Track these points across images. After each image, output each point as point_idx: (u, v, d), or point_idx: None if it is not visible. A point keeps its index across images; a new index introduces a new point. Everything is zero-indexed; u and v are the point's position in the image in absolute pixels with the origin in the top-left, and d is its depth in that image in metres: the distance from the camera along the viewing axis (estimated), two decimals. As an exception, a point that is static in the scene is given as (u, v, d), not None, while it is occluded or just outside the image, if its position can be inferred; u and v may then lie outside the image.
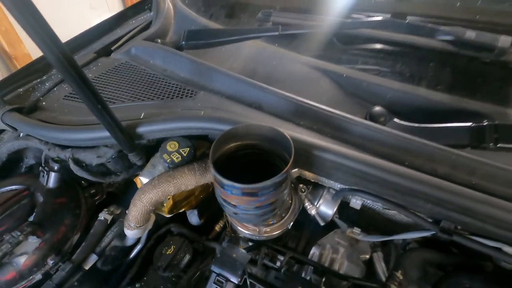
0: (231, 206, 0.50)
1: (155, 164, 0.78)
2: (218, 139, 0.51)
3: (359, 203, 0.82)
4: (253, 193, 0.45)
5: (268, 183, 0.43)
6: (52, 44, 0.45)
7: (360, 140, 0.64)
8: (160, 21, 1.16)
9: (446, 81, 0.73)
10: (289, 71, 0.88)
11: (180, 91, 0.83)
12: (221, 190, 0.48)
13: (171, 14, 1.21)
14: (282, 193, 0.49)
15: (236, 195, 0.46)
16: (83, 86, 0.52)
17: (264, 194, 0.45)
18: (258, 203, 0.47)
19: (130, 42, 1.11)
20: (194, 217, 0.98)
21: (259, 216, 0.52)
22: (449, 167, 0.57)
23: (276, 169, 0.55)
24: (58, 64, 0.47)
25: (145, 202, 0.68)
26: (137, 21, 1.29)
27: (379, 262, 0.78)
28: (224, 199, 0.50)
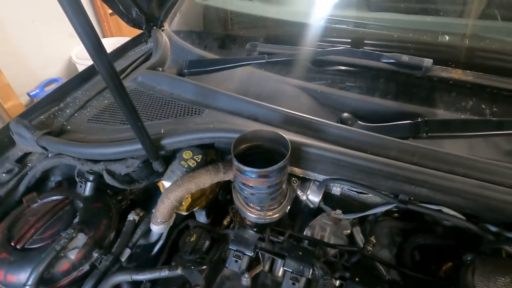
0: (249, 188, 0.69)
1: (174, 170, 0.95)
2: (234, 143, 0.71)
3: (339, 190, 1.04)
4: (265, 175, 0.64)
5: (276, 167, 0.63)
6: (109, 67, 0.61)
7: (334, 138, 0.86)
8: (160, 52, 1.35)
9: (392, 92, 0.99)
10: (275, 90, 1.10)
11: (189, 110, 1.02)
12: (242, 176, 0.67)
13: (168, 46, 1.41)
14: (284, 175, 0.69)
15: (253, 178, 0.65)
16: (128, 104, 0.69)
17: (274, 175, 0.65)
18: (269, 183, 0.66)
19: (135, 71, 1.29)
20: (202, 217, 1.15)
21: (269, 195, 0.71)
22: (397, 152, 0.80)
23: (276, 161, 0.75)
24: (111, 84, 0.62)
25: (172, 199, 0.84)
26: (136, 53, 1.47)
27: (358, 234, 0.99)
28: (243, 183, 0.69)
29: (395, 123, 0.87)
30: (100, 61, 0.58)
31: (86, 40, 0.54)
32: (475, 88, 0.93)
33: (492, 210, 0.75)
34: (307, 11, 1.34)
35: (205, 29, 1.53)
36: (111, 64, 0.61)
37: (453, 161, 0.77)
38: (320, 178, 1.00)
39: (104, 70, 0.60)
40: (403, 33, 1.13)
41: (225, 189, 1.17)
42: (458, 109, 0.93)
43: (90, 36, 0.54)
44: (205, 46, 1.33)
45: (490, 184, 0.71)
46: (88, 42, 0.54)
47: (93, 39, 0.55)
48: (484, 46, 1.00)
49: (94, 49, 0.55)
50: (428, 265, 0.96)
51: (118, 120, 1.02)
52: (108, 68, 0.60)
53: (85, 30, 0.53)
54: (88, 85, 1.25)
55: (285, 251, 0.81)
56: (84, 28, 0.52)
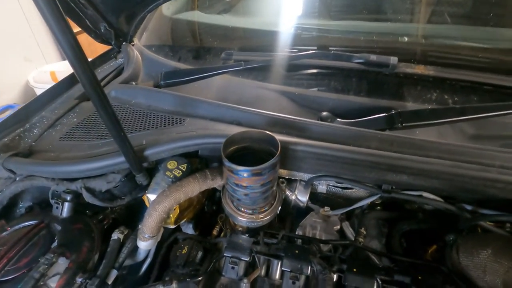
0: (242, 188, 0.68)
1: (159, 182, 0.92)
2: (224, 145, 0.70)
3: (324, 188, 1.07)
4: (259, 172, 0.64)
5: (269, 163, 0.64)
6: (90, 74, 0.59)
7: (318, 135, 0.89)
8: (132, 67, 1.33)
9: (365, 89, 1.05)
10: (255, 96, 1.12)
11: (169, 120, 1.00)
12: (235, 177, 0.66)
13: (140, 60, 1.39)
14: (276, 173, 0.69)
15: (247, 177, 0.65)
16: (111, 114, 0.67)
17: (266, 172, 0.65)
18: (262, 181, 0.66)
19: (107, 86, 1.24)
20: (190, 229, 1.11)
21: (262, 194, 0.71)
22: (377, 142, 0.85)
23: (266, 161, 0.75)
24: (92, 92, 0.60)
25: (160, 211, 0.81)
26: (105, 69, 1.43)
27: (347, 228, 1.01)
28: (236, 183, 0.68)
29: (371, 117, 0.92)
30: (81, 69, 0.56)
31: (66, 45, 0.52)
32: (437, 81, 1.03)
33: (466, 189, 0.81)
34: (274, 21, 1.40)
35: (176, 43, 1.53)
36: (92, 72, 0.59)
37: (428, 146, 0.83)
38: (306, 178, 1.02)
39: (85, 78, 0.58)
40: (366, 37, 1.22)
41: (210, 199, 1.15)
42: (425, 101, 1.01)
43: (69, 41, 0.52)
44: (179, 58, 1.33)
45: (462, 163, 0.77)
46: (67, 48, 0.52)
47: (73, 44, 0.53)
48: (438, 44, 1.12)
49: (74, 54, 0.53)
50: (415, 250, 1.01)
51: (94, 135, 0.97)
52: (89, 76, 0.58)
53: (65, 36, 0.51)
54: (56, 104, 1.18)
55: (282, 251, 0.80)
56: (65, 34, 0.51)
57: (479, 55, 1.07)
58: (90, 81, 0.59)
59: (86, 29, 1.30)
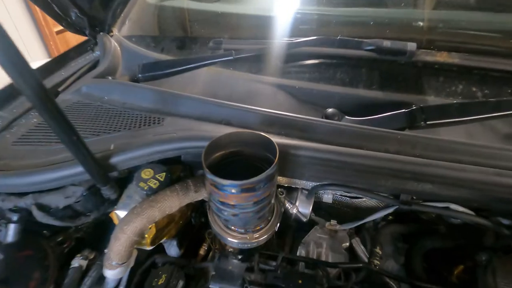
0: (230, 208, 0.52)
1: (131, 195, 0.76)
2: (205, 151, 0.54)
3: (330, 197, 0.91)
4: (251, 188, 0.48)
5: (263, 176, 0.48)
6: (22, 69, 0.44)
7: (323, 137, 0.73)
8: (108, 59, 1.16)
9: (377, 81, 0.90)
10: (248, 90, 0.96)
11: (146, 120, 0.84)
12: (219, 193, 0.50)
13: (119, 52, 1.22)
14: (273, 186, 0.54)
15: (235, 194, 0.49)
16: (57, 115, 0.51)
17: (261, 187, 0.49)
18: (255, 198, 0.51)
19: (79, 81, 1.08)
20: (174, 248, 0.95)
21: (256, 213, 0.55)
22: (397, 145, 0.70)
23: (261, 170, 0.59)
24: (28, 91, 0.46)
25: (129, 233, 0.65)
26: (80, 62, 1.26)
27: (358, 246, 0.86)
28: (222, 201, 0.52)
29: (388, 114, 0.77)
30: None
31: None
32: (462, 70, 0.87)
33: (504, 200, 0.66)
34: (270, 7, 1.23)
35: (161, 32, 1.36)
36: (24, 60, 0.43)
37: (459, 149, 0.67)
38: (309, 186, 0.86)
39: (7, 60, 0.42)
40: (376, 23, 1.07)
41: (198, 210, 0.99)
42: (449, 94, 0.86)
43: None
44: (162, 49, 1.17)
45: (506, 170, 0.62)
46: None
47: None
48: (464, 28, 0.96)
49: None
50: (437, 270, 0.86)
51: (54, 138, 0.81)
52: (14, 57, 0.42)
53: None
54: (17, 102, 1.01)
55: (281, 281, 0.65)
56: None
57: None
58: (15, 64, 0.43)
59: (55, 17, 1.14)
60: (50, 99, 0.50)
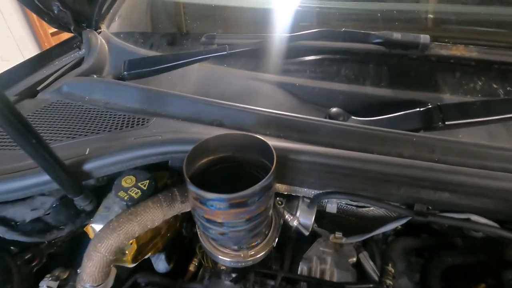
0: (217, 226, 0.43)
1: (109, 205, 0.67)
2: (188, 156, 0.46)
3: (335, 206, 0.82)
4: (242, 202, 0.39)
5: (257, 188, 0.39)
6: None
7: (327, 139, 0.64)
8: (94, 56, 1.08)
9: (386, 78, 0.81)
10: (243, 88, 0.88)
11: (129, 120, 0.75)
12: (204, 208, 0.42)
13: (105, 49, 1.14)
14: (270, 199, 0.45)
15: (222, 210, 0.40)
16: (11, 117, 0.42)
17: (254, 201, 0.41)
18: (248, 214, 0.42)
19: (60, 80, 0.99)
20: (162, 262, 0.86)
21: (249, 232, 0.46)
22: (412, 149, 0.61)
23: (256, 179, 0.51)
24: None
25: (104, 251, 0.56)
26: (65, 61, 1.18)
27: (366, 261, 0.77)
28: (208, 219, 0.43)
29: (401, 113, 0.68)
30: None
31: None
32: (481, 65, 0.79)
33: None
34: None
35: (153, 29, 1.28)
36: None
37: (484, 153, 0.59)
38: (311, 194, 0.77)
39: None
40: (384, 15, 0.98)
41: (190, 220, 0.90)
42: (467, 92, 0.77)
43: None
44: (151, 45, 1.08)
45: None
46: None
47: None
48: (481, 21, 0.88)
49: None
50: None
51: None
52: None
53: None
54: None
55: (280, 307, 0.56)
56: None
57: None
58: None
59: (36, 11, 1.05)
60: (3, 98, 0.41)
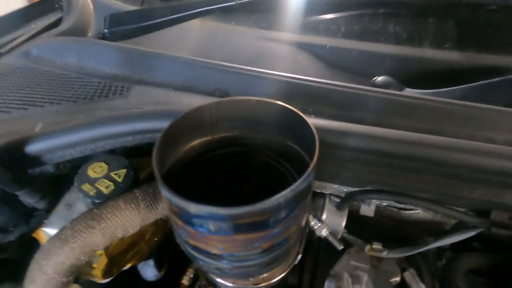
0: (211, 259, 0.24)
1: (72, 202, 0.50)
2: (166, 132, 0.27)
3: (373, 208, 0.63)
4: (258, 222, 0.20)
5: (287, 196, 0.20)
6: None
7: (378, 117, 0.45)
8: (75, 16, 0.88)
9: (453, 37, 0.60)
10: (255, 51, 0.67)
11: (104, 89, 0.57)
12: (188, 230, 0.23)
13: (90, 8, 0.94)
14: (305, 212, 0.26)
15: (221, 235, 0.21)
16: None
17: (280, 220, 0.21)
18: (267, 241, 0.22)
19: (30, 42, 0.81)
20: (150, 269, 0.70)
21: (265, 266, 0.27)
22: (508, 131, 0.41)
23: (279, 175, 0.31)
24: None
25: (51, 271, 0.38)
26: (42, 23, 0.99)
27: (415, 282, 0.58)
28: (194, 246, 0.24)
29: (483, 83, 0.47)
30: None
31: None
32: None
33: None
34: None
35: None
36: None
37: None
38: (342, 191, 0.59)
39: None
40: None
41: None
42: None
43: None
44: (142, 1, 0.88)
45: None
46: None
47: None
48: None
49: None
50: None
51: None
52: None
53: None
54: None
55: None
56: None
57: None
58: None
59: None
60: None
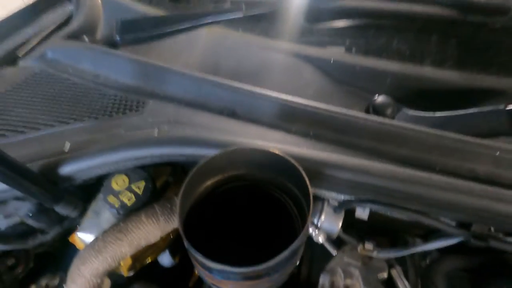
0: (223, 290, 0.32)
1: (99, 210, 0.56)
2: (184, 190, 0.32)
3: (367, 213, 0.69)
4: (261, 275, 0.27)
5: (284, 255, 0.26)
6: None
7: (373, 144, 0.49)
8: (84, 12, 0.90)
9: (454, 56, 0.61)
10: (261, 62, 0.70)
11: (121, 104, 0.61)
12: (207, 274, 0.29)
13: (98, 4, 0.95)
14: (299, 257, 0.32)
15: (232, 281, 0.28)
16: None
17: (278, 270, 0.28)
18: (271, 282, 0.29)
19: (45, 43, 0.84)
20: (166, 257, 0.78)
21: (267, 290, 0.34)
22: (492, 165, 0.45)
23: (278, 203, 0.37)
24: None
25: (88, 275, 0.46)
26: (52, 17, 1.00)
27: (400, 279, 0.65)
28: (212, 283, 0.32)
29: (474, 111, 0.50)
30: None
31: None
32: None
33: None
34: None
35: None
36: None
37: None
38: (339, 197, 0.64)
39: None
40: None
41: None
42: None
43: None
44: (150, 0, 0.88)
45: None
46: None
47: None
48: None
49: None
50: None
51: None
52: None
53: None
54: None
55: None
56: None
57: None
58: None
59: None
60: None
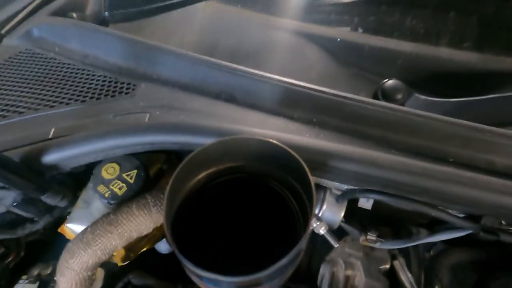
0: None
1: (89, 200, 0.53)
2: (173, 181, 0.28)
3: (371, 203, 0.66)
4: (258, 283, 0.24)
5: (281, 264, 0.23)
6: None
7: (381, 132, 0.45)
8: (72, -13, 0.83)
9: (474, 35, 0.56)
10: (262, 41, 0.65)
11: (110, 86, 0.57)
12: (198, 280, 0.26)
13: (88, -24, 0.88)
14: (298, 261, 0.29)
15: (224, 288, 0.25)
16: None
17: (274, 279, 0.25)
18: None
19: (30, 19, 0.78)
20: (163, 244, 0.76)
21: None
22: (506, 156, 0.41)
23: (278, 197, 0.34)
24: None
25: (78, 268, 0.44)
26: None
27: (402, 271, 0.64)
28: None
29: (495, 96, 0.46)
30: None
31: None
32: None
33: None
34: None
35: None
36: None
37: None
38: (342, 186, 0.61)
39: None
40: None
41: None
42: None
43: None
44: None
45: None
46: None
47: None
48: None
49: None
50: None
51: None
52: None
53: None
54: None
55: None
56: None
57: None
58: None
59: None
60: None
